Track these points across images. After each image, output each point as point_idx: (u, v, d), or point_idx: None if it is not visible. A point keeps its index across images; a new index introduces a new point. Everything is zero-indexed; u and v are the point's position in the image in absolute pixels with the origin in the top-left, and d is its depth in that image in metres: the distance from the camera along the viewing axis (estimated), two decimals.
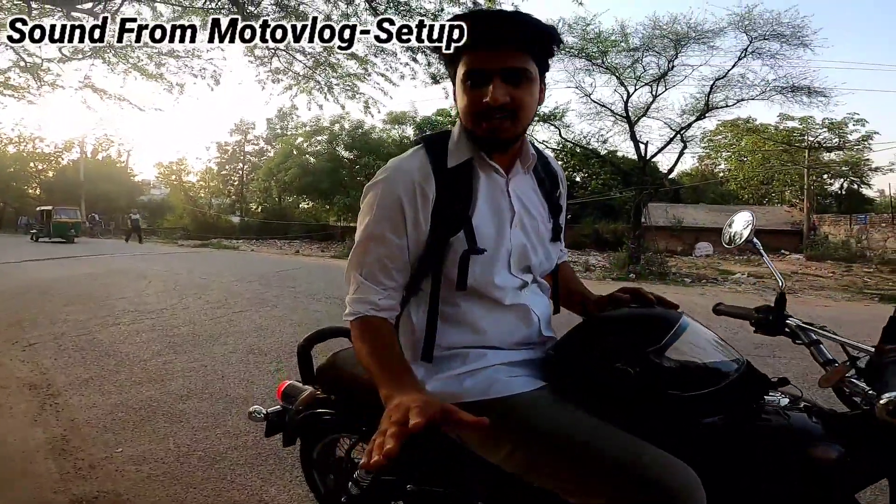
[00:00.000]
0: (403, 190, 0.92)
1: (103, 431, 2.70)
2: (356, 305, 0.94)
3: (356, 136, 25.01)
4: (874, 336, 3.00)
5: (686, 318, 0.93)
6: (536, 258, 1.02)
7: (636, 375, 0.84)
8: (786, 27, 11.30)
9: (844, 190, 26.40)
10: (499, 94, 0.85)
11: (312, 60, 7.47)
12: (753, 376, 0.90)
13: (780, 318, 1.08)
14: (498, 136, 0.90)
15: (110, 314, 5.77)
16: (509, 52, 0.86)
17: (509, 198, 0.98)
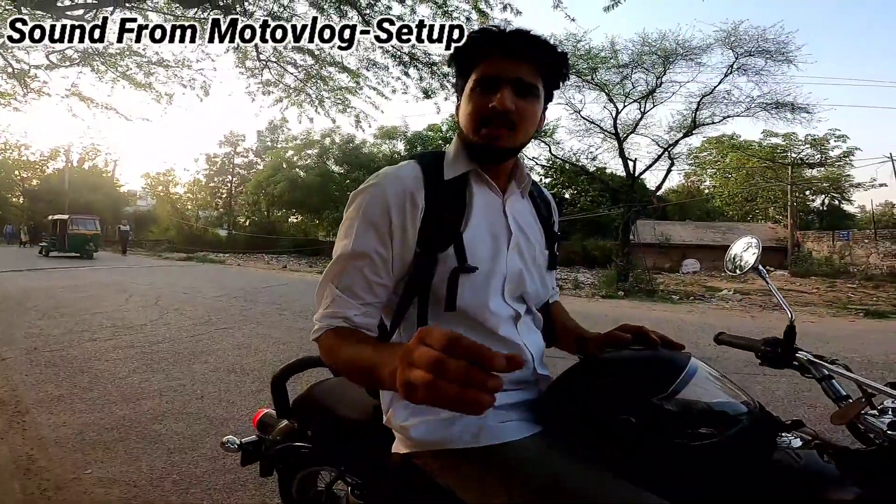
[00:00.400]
0: (393, 196, 0.86)
1: (72, 451, 2.58)
2: (326, 320, 0.86)
3: (347, 151, 25.05)
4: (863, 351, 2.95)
5: (695, 362, 0.86)
6: (533, 286, 0.96)
7: (639, 424, 0.77)
8: (771, 43, 11.55)
9: (826, 206, 26.93)
10: (506, 100, 0.84)
11: (304, 73, 7.45)
12: (765, 419, 0.84)
13: (789, 351, 1.03)
14: (495, 144, 0.87)
15: (87, 329, 5.58)
16: (524, 65, 0.86)
17: (506, 218, 0.93)
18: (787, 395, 3.66)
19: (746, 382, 3.93)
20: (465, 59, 0.91)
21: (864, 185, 24.60)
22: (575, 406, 0.86)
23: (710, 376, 0.87)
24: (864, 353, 5.43)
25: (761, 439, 0.81)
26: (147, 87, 7.88)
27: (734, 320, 8.01)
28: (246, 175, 32.00)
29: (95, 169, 35.51)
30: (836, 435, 0.93)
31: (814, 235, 21.13)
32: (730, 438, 0.78)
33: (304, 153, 26.88)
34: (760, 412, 0.84)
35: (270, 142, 30.83)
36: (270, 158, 28.10)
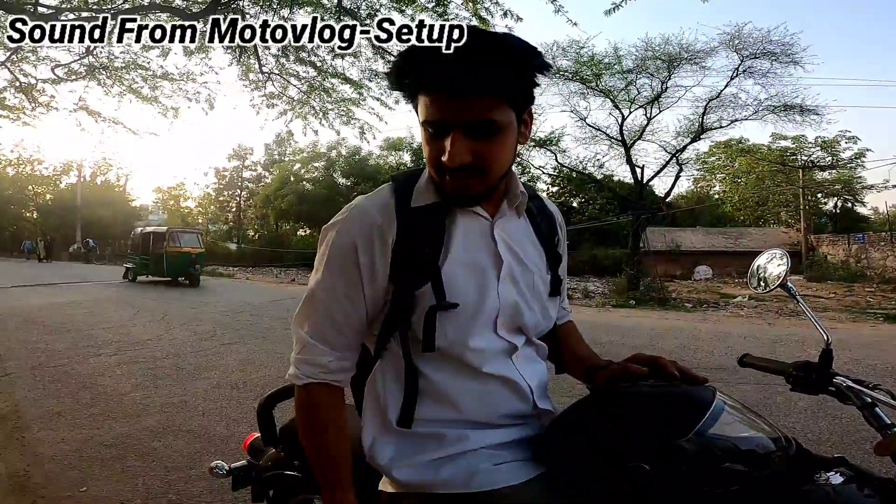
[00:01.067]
0: (359, 233, 0.78)
1: (69, 468, 2.54)
2: (302, 367, 0.80)
3: (353, 163, 25.21)
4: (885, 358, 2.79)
5: (720, 398, 0.76)
6: (532, 317, 0.84)
7: (655, 472, 0.67)
8: (776, 45, 11.48)
9: (839, 209, 26.52)
10: (456, 153, 0.70)
11: (307, 85, 7.47)
12: (801, 457, 0.74)
13: (826, 376, 0.92)
14: (466, 193, 0.76)
15: (92, 345, 5.57)
16: (471, 100, 0.69)
17: (495, 245, 0.81)
18: (809, 407, 3.51)
19: (764, 393, 3.79)
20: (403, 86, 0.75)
21: (877, 187, 24.22)
22: (581, 446, 0.76)
23: (738, 412, 0.77)
24: (886, 359, 5.25)
25: (796, 479, 0.71)
26: (153, 100, 7.95)
27: (750, 328, 7.82)
28: (255, 188, 32.32)
29: (108, 184, 36.06)
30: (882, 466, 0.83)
31: (828, 239, 20.80)
32: (760, 481, 0.69)
33: (311, 166, 27.11)
34: (797, 450, 0.74)
35: (278, 155, 31.16)
36: (278, 172, 28.35)
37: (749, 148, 24.12)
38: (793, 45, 11.40)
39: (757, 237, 23.68)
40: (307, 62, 6.79)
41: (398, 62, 0.75)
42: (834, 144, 22.77)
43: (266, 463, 1.24)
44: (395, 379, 0.81)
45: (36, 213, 34.77)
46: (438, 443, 0.78)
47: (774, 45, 11.47)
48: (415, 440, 0.80)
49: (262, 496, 1.27)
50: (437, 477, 0.77)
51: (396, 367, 0.81)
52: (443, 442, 0.78)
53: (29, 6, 5.24)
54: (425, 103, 0.72)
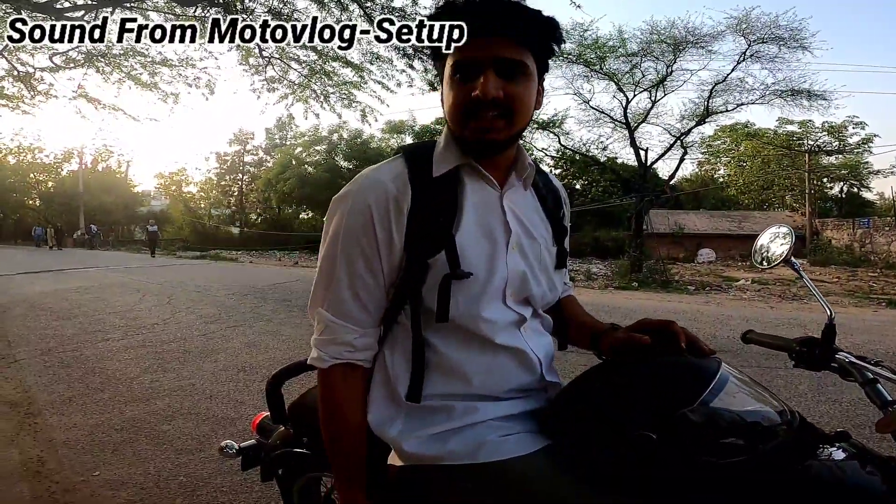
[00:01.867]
0: (375, 204, 0.78)
1: (81, 453, 2.59)
2: (327, 348, 0.81)
3: (355, 146, 25.08)
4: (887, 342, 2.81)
5: (725, 369, 0.77)
6: (539, 288, 0.86)
7: (660, 441, 0.68)
8: (784, 30, 11.27)
9: (844, 194, 26.35)
10: (490, 87, 0.73)
11: (308, 69, 7.41)
12: (805, 431, 0.75)
13: (828, 352, 0.93)
14: (488, 137, 0.77)
15: (100, 329, 5.63)
16: (505, 41, 0.74)
17: (504, 215, 0.83)
18: (810, 391, 3.54)
19: (766, 376, 3.82)
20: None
21: (883, 172, 24.09)
22: (587, 417, 0.77)
23: (743, 384, 0.78)
24: (888, 344, 5.26)
25: (800, 453, 0.72)
26: (153, 86, 7.92)
27: (753, 311, 7.84)
28: (256, 173, 32.22)
29: (109, 170, 36.00)
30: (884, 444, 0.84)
31: (833, 223, 20.69)
32: (764, 454, 0.69)
33: (313, 149, 26.97)
34: (800, 423, 0.75)
35: (279, 139, 30.99)
36: (279, 155, 28.23)
37: (755, 132, 23.86)
38: (801, 31, 11.21)
39: (761, 220, 23.57)
40: (308, 46, 6.72)
41: (437, 13, 0.79)
42: (841, 130, 22.53)
43: (275, 441, 1.25)
44: (403, 352, 0.82)
45: (38, 201, 34.78)
46: (447, 415, 0.80)
47: (783, 30, 11.27)
48: (423, 413, 0.81)
49: (271, 475, 1.28)
50: (444, 449, 0.78)
51: (404, 340, 0.82)
52: (451, 414, 0.80)
53: None
54: (460, 49, 0.76)
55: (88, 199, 30.83)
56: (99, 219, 31.38)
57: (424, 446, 0.79)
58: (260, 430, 1.34)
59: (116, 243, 30.31)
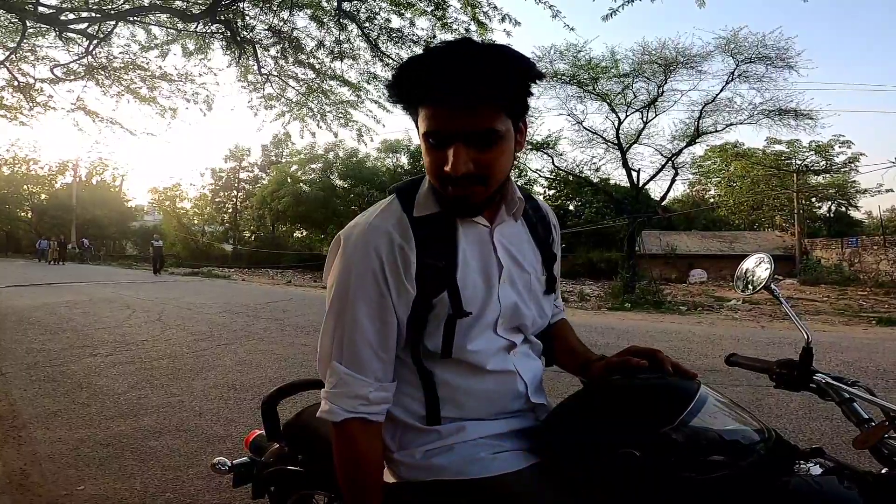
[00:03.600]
0: (384, 254, 0.77)
1: (66, 467, 2.55)
2: (339, 401, 0.78)
3: (350, 165, 25.19)
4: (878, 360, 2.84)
5: (705, 390, 0.81)
6: (529, 315, 0.88)
7: (644, 458, 0.71)
8: (770, 49, 11.55)
9: (833, 213, 26.71)
10: (460, 164, 0.71)
11: (305, 87, 7.49)
12: (781, 448, 0.78)
13: (806, 373, 0.97)
14: (468, 202, 0.77)
15: (88, 345, 5.55)
16: (471, 110, 0.71)
17: (495, 251, 0.84)
18: (801, 408, 3.55)
19: (757, 395, 3.83)
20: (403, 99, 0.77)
21: (870, 191, 24.44)
22: (575, 436, 0.80)
23: (721, 404, 0.82)
24: (878, 362, 5.29)
25: (777, 469, 0.75)
26: (151, 101, 7.96)
27: (744, 331, 7.87)
28: (251, 190, 32.21)
29: (103, 183, 35.88)
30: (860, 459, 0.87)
31: (822, 243, 20.93)
32: (743, 469, 0.72)
33: (308, 167, 27.06)
34: (777, 440, 0.78)
35: (275, 156, 31.09)
36: (275, 173, 28.29)
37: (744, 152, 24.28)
38: (788, 50, 11.51)
39: (752, 241, 23.82)
40: (306, 64, 6.82)
41: (398, 75, 0.75)
42: (828, 149, 22.95)
43: (268, 459, 1.26)
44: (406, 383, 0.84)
45: (31, 213, 34.52)
46: (437, 434, 0.82)
47: (769, 50, 11.56)
48: (413, 432, 0.83)
49: (263, 492, 1.28)
50: (436, 465, 0.79)
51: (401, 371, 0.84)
52: (441, 433, 0.82)
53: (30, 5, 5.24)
54: (426, 115, 0.73)
55: (81, 212, 30.64)
56: (91, 233, 31.13)
57: (417, 463, 0.81)
58: (253, 448, 1.36)
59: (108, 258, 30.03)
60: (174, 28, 6.42)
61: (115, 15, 5.80)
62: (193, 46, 6.80)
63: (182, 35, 6.54)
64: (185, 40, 6.70)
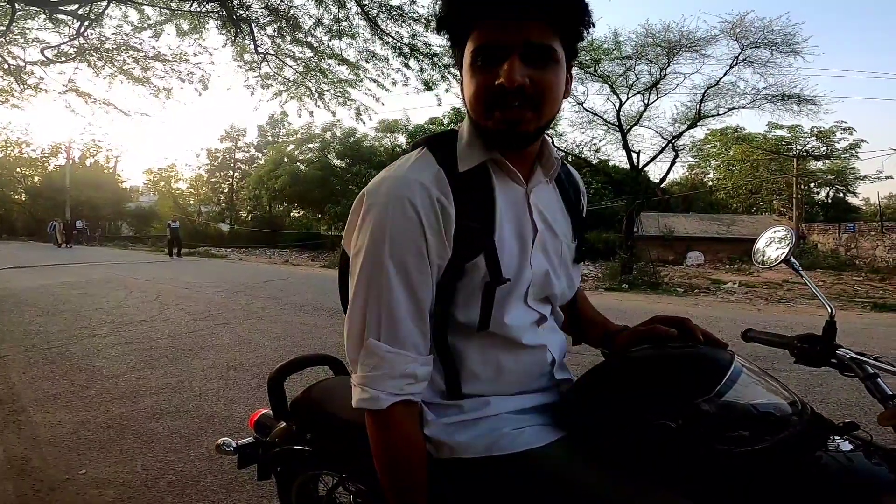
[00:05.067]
0: (421, 208, 0.69)
1: (67, 451, 2.54)
2: (384, 384, 0.69)
3: (348, 144, 24.94)
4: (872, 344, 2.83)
5: (739, 360, 0.78)
6: (560, 286, 0.83)
7: (679, 430, 0.69)
8: (777, 35, 11.39)
9: (831, 199, 26.74)
10: (516, 74, 0.65)
11: (302, 66, 7.35)
12: (816, 422, 0.77)
13: (829, 348, 0.95)
14: (516, 129, 0.69)
15: (86, 326, 5.54)
16: (534, 24, 0.66)
17: (530, 213, 0.78)
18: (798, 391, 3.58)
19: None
20: (455, 22, 0.72)
21: (869, 178, 24.45)
22: (604, 408, 0.78)
23: (756, 376, 0.80)
24: (872, 346, 5.34)
25: (812, 443, 0.74)
26: (145, 81, 7.82)
27: (740, 313, 7.92)
28: (247, 170, 31.96)
29: (97, 165, 35.46)
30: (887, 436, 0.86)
31: (819, 228, 20.99)
32: (778, 443, 0.71)
33: (305, 147, 26.80)
34: (811, 415, 0.77)
35: (271, 136, 30.77)
36: (271, 153, 28.01)
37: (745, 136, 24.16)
38: (794, 36, 11.34)
39: (749, 224, 23.86)
40: (304, 43, 6.68)
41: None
42: (829, 135, 22.89)
43: (274, 438, 1.23)
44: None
45: (24, 196, 34.18)
46: (459, 408, 0.78)
47: (776, 35, 11.39)
48: (433, 407, 0.79)
49: (269, 473, 1.26)
50: (460, 441, 0.75)
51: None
52: (463, 408, 0.78)
53: None
54: (481, 32, 0.68)
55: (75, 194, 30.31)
56: (86, 214, 30.88)
57: (437, 440, 0.77)
58: (258, 427, 1.32)
59: (104, 239, 29.87)
60: (168, 7, 6.26)
61: None
62: (188, 26, 6.64)
63: (176, 15, 6.38)
64: (179, 20, 6.54)
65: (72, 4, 5.92)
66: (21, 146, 33.46)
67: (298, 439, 1.16)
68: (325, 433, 1.11)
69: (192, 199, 36.12)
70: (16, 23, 6.12)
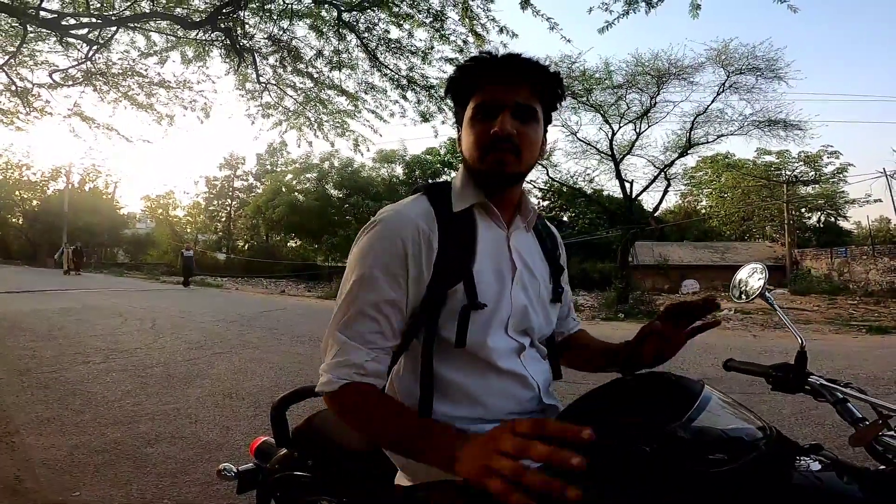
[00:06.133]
0: (410, 239, 0.83)
1: (61, 473, 2.52)
2: (336, 371, 0.81)
3: (346, 174, 25.17)
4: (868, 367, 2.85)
5: (709, 389, 0.85)
6: (537, 321, 0.94)
7: (653, 454, 0.74)
8: (760, 60, 11.76)
9: (822, 223, 27.02)
10: (507, 125, 0.83)
11: (303, 96, 7.53)
12: (782, 444, 0.82)
13: (801, 376, 1.01)
14: (503, 170, 0.86)
15: (80, 352, 5.50)
16: (522, 89, 0.86)
17: (510, 254, 0.92)
18: (793, 414, 3.59)
19: (750, 401, 3.86)
20: (461, 88, 0.90)
21: (858, 201, 24.80)
22: None
23: (725, 403, 0.86)
24: (868, 369, 5.36)
25: (779, 464, 0.78)
26: (148, 107, 7.94)
27: (736, 340, 7.93)
28: (245, 198, 32.09)
29: (96, 190, 35.54)
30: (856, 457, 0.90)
31: (812, 253, 21.17)
32: (747, 464, 0.75)
33: (303, 177, 27.04)
34: (777, 437, 0.82)
35: (270, 165, 31.04)
36: (269, 182, 28.22)
37: (735, 163, 24.58)
38: (777, 61, 11.72)
39: (743, 251, 24.05)
40: (304, 73, 6.86)
41: (463, 66, 0.90)
42: (817, 159, 23.34)
43: (275, 464, 1.26)
44: (413, 375, 0.87)
45: (22, 219, 34.12)
46: None
47: (759, 61, 11.78)
48: None
49: (268, 499, 1.27)
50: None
51: (413, 365, 0.87)
52: None
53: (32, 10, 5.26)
54: (480, 94, 0.87)
55: (73, 219, 30.28)
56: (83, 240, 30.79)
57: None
58: (258, 454, 1.36)
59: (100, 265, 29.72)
60: (174, 35, 6.45)
61: (117, 21, 5.82)
62: (192, 53, 6.82)
63: (181, 42, 6.57)
64: (185, 47, 6.72)
65: (82, 28, 6.10)
66: (21, 169, 33.52)
67: (299, 466, 1.20)
68: (326, 460, 1.15)
69: (189, 227, 36.12)
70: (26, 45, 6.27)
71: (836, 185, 23.62)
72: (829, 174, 23.36)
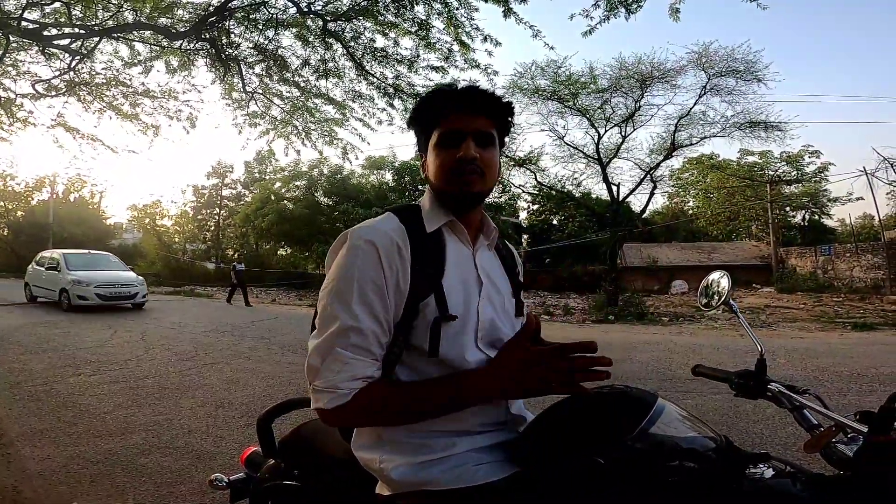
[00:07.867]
0: (382, 247, 0.87)
1: (57, 484, 2.55)
2: (349, 384, 0.84)
3: (335, 182, 25.13)
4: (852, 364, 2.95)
5: (662, 401, 0.90)
6: (505, 333, 0.99)
7: (609, 465, 0.80)
8: (739, 62, 11.96)
9: (807, 222, 27.46)
10: (471, 150, 0.92)
11: (290, 105, 7.55)
12: (733, 453, 0.87)
13: (761, 383, 1.07)
14: (469, 190, 0.94)
15: (70, 364, 5.47)
16: (481, 118, 0.95)
17: (476, 270, 0.98)
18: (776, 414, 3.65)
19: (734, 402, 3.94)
20: (425, 117, 0.98)
21: (841, 200, 25.27)
22: (548, 447, 0.88)
23: (678, 414, 0.90)
24: (852, 367, 5.48)
25: (730, 472, 0.83)
26: (133, 118, 7.88)
27: (724, 340, 8.07)
28: (234, 207, 31.83)
29: (81, 200, 35.08)
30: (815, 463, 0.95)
31: (796, 251, 21.50)
32: (699, 473, 0.80)
33: (293, 185, 26.94)
34: (728, 446, 0.87)
35: (258, 173, 30.89)
36: (258, 190, 28.08)
37: (719, 163, 24.93)
38: (756, 63, 11.94)
39: (729, 251, 24.37)
40: (291, 82, 6.89)
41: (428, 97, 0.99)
42: (798, 159, 23.76)
43: (264, 474, 1.29)
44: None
45: (6, 231, 33.53)
46: (430, 448, 0.89)
47: (738, 63, 11.96)
48: (406, 447, 0.90)
49: None
50: (427, 475, 0.88)
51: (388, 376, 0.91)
52: (434, 447, 0.89)
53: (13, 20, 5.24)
54: (445, 123, 0.95)
55: (58, 229, 29.81)
56: None
57: (410, 473, 0.88)
58: (249, 464, 1.39)
59: None
60: (158, 45, 6.44)
61: (100, 31, 5.81)
62: (177, 63, 6.82)
63: (166, 52, 6.56)
64: (169, 57, 6.72)
65: (65, 39, 6.07)
66: (6, 179, 32.92)
67: (287, 475, 1.23)
68: (313, 469, 1.19)
69: (177, 237, 35.76)
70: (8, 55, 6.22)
71: (818, 183, 24.06)
72: (810, 173, 23.80)
